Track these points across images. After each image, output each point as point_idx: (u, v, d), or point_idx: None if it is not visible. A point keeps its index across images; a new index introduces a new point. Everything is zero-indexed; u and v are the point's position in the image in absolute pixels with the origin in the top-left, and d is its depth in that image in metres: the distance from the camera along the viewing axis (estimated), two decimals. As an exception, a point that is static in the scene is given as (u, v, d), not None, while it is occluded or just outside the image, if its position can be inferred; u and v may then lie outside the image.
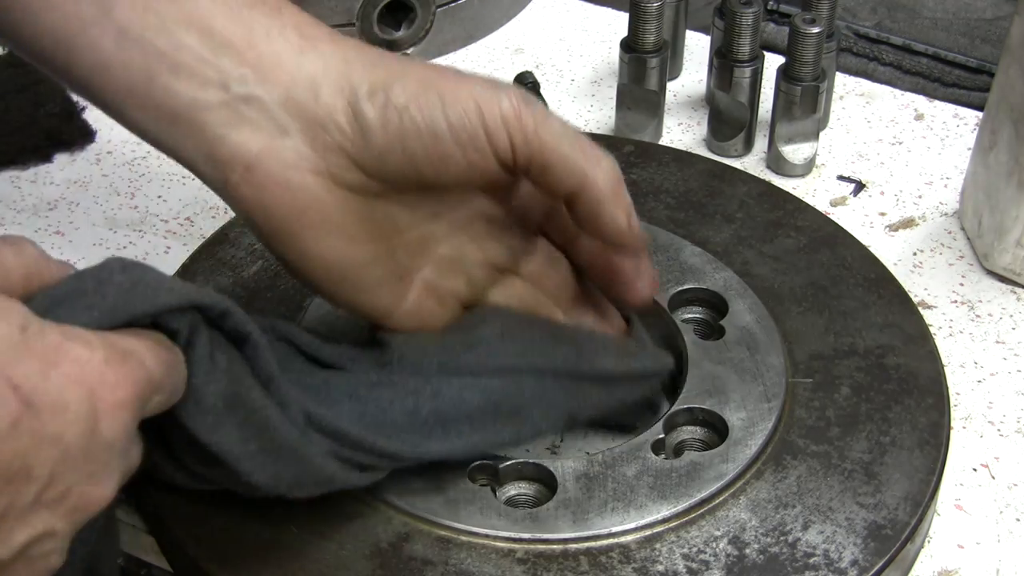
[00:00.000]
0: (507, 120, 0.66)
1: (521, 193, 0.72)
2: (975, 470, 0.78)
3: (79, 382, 0.52)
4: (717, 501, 0.70)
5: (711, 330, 0.81)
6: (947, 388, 0.78)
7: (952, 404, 0.78)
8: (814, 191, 0.99)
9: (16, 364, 0.50)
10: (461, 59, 1.15)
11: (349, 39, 0.68)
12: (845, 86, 1.10)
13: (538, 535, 0.68)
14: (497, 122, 0.66)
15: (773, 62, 1.01)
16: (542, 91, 1.08)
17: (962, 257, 0.93)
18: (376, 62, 0.67)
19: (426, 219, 0.70)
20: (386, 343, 0.70)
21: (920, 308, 0.84)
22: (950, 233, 0.95)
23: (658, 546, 0.68)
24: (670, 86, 1.08)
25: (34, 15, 0.66)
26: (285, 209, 0.66)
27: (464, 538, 0.68)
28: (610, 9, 1.21)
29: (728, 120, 1.02)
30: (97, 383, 0.53)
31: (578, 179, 0.68)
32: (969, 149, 0.97)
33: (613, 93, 1.04)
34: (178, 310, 0.57)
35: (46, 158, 1.01)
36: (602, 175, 0.68)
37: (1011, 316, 0.88)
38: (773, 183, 0.95)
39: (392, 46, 1.11)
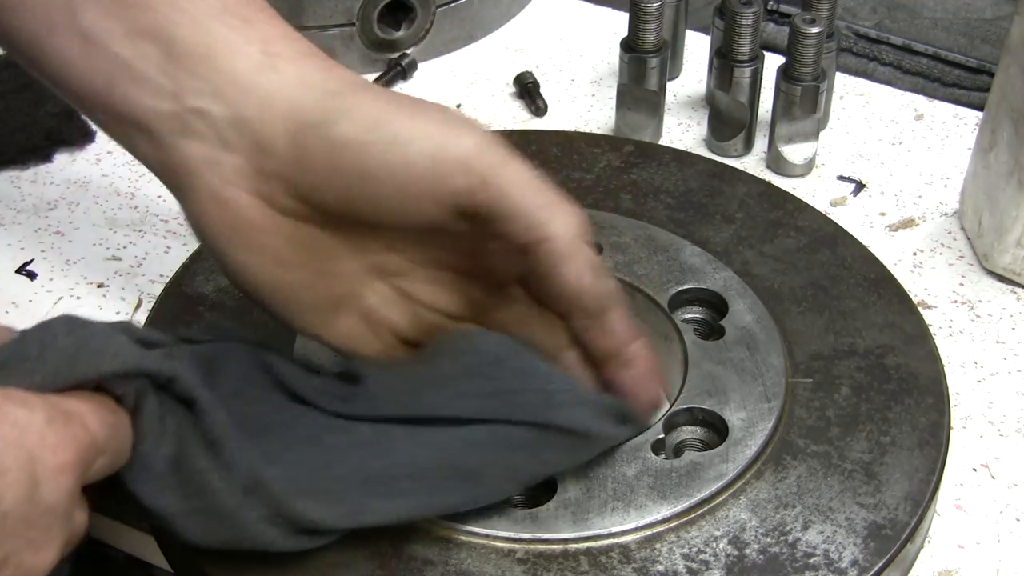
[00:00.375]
0: (465, 162, 0.63)
1: (490, 246, 0.68)
2: (975, 470, 0.78)
3: (18, 445, 0.51)
4: (717, 501, 0.70)
5: (711, 330, 0.81)
6: (947, 388, 0.78)
7: (952, 404, 0.78)
8: (814, 191, 0.99)
9: None
10: (461, 59, 1.15)
11: (317, 58, 0.67)
12: (845, 86, 1.10)
13: (538, 535, 0.68)
14: (454, 165, 0.63)
15: (773, 62, 1.01)
16: (542, 91, 1.09)
17: (962, 257, 0.93)
18: (335, 90, 0.65)
19: (376, 251, 0.69)
20: (359, 376, 0.68)
21: (920, 308, 0.84)
22: (950, 233, 0.95)
23: (658, 546, 0.68)
24: (670, 86, 1.08)
25: (8, 13, 0.67)
26: (218, 225, 0.66)
27: (464, 538, 0.68)
28: (610, 9, 1.21)
29: (728, 120, 1.02)
30: (37, 446, 0.51)
31: (535, 232, 0.63)
32: (969, 149, 0.97)
33: (613, 93, 1.04)
34: (123, 376, 0.57)
35: (46, 158, 1.01)
36: (563, 228, 0.64)
37: (1011, 316, 0.88)
38: (773, 183, 0.95)
39: (392, 46, 1.11)
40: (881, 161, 1.02)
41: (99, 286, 0.90)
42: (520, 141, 0.95)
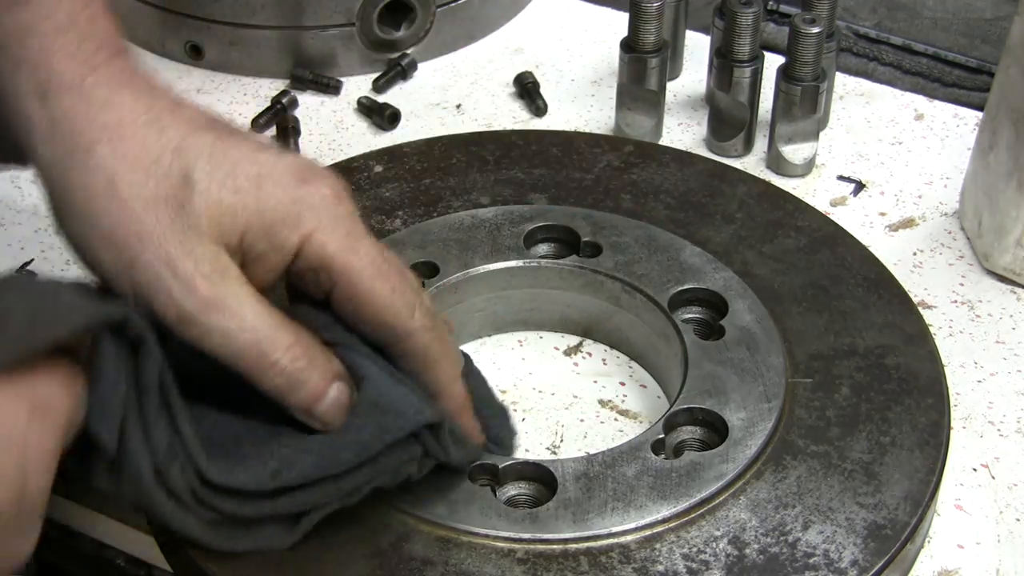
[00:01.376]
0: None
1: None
2: (975, 470, 0.78)
3: (10, 445, 0.53)
4: (717, 501, 0.70)
5: (711, 330, 0.81)
6: (947, 388, 0.78)
7: (952, 404, 0.78)
8: (814, 191, 0.99)
9: None
10: (461, 59, 1.14)
11: (186, 111, 0.65)
12: (845, 86, 1.10)
13: (538, 535, 0.68)
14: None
15: (773, 62, 1.01)
16: (542, 91, 1.09)
17: (962, 257, 0.93)
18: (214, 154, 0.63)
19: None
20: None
21: (920, 308, 0.84)
22: (950, 233, 0.95)
23: (658, 546, 0.68)
24: (670, 86, 1.08)
25: None
26: None
27: (464, 538, 0.68)
28: (610, 9, 1.21)
29: (728, 120, 1.02)
30: (24, 443, 0.54)
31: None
32: (969, 149, 0.97)
33: (613, 93, 1.04)
34: (81, 331, 0.58)
35: (46, 158, 1.01)
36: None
37: (1011, 316, 0.88)
38: (773, 183, 0.95)
39: (392, 46, 1.11)
40: (881, 161, 1.02)
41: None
42: (520, 141, 0.96)
